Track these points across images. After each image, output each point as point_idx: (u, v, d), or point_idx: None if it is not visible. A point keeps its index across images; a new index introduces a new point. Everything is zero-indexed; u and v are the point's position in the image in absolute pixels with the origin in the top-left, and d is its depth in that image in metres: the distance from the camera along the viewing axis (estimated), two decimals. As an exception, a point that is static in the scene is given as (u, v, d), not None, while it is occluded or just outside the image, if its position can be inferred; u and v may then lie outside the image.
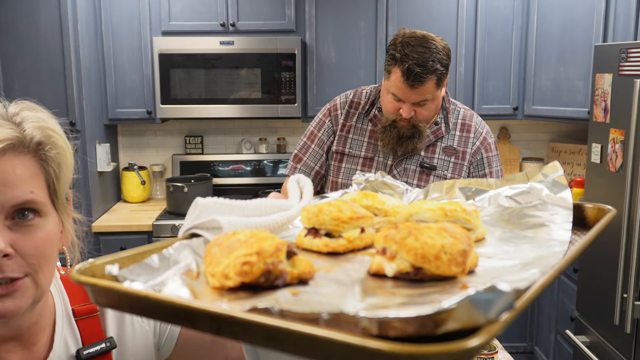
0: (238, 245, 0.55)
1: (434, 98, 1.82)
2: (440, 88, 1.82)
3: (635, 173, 2.21)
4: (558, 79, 3.35)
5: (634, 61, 2.25)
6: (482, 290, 0.40)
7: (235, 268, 0.53)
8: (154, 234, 3.27)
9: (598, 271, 2.52)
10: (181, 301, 0.47)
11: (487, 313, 0.40)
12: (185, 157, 3.86)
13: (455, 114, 1.98)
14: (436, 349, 0.37)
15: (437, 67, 1.74)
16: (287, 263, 0.56)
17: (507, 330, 3.44)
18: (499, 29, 3.51)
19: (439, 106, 1.91)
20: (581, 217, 0.75)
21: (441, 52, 1.76)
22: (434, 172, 1.90)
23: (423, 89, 1.76)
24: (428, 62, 1.73)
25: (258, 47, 3.38)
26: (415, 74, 1.72)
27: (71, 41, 3.11)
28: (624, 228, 2.26)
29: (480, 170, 1.94)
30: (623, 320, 2.28)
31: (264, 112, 3.45)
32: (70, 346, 0.89)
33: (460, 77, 3.54)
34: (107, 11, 3.40)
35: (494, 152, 1.97)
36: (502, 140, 3.97)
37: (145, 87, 3.48)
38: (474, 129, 1.95)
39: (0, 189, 0.74)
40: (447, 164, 1.92)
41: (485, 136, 1.96)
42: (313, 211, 0.68)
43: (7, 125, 0.78)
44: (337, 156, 1.99)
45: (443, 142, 1.94)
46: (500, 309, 0.40)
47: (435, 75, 1.75)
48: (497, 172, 1.98)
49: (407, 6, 3.47)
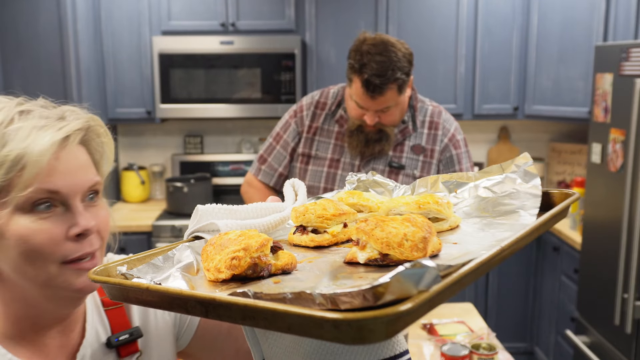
0: (229, 243, 0.64)
1: (398, 103, 1.82)
2: (402, 94, 1.80)
3: (636, 173, 2.21)
4: (558, 79, 3.35)
5: (635, 61, 2.25)
6: (409, 266, 0.48)
7: (226, 263, 0.62)
8: (153, 234, 3.26)
9: (598, 271, 2.52)
10: (174, 290, 0.57)
11: (417, 285, 0.48)
12: (185, 157, 3.85)
13: (423, 111, 1.96)
14: (373, 314, 0.45)
15: (397, 75, 1.71)
16: (272, 257, 0.65)
17: (508, 330, 3.44)
18: (499, 29, 3.51)
19: (404, 109, 1.90)
20: (549, 203, 0.82)
21: (401, 60, 1.73)
22: (403, 171, 1.88)
23: (383, 99, 1.75)
24: (387, 71, 1.70)
25: (258, 47, 3.38)
26: (374, 86, 1.71)
27: (71, 41, 3.11)
28: (624, 228, 2.25)
29: (450, 168, 1.93)
30: (623, 321, 2.28)
31: (263, 112, 3.45)
32: (101, 334, 0.93)
33: (460, 77, 3.53)
34: (106, 11, 3.40)
35: (462, 149, 1.96)
36: (502, 140, 3.97)
37: (145, 87, 3.48)
38: (442, 126, 1.94)
39: (77, 173, 0.81)
40: (416, 162, 1.90)
41: (453, 133, 1.94)
42: (300, 211, 0.76)
43: (72, 117, 0.84)
44: (304, 158, 1.97)
45: (411, 141, 1.92)
46: (428, 281, 0.49)
47: (395, 84, 1.74)
48: (467, 169, 1.96)
49: (407, 6, 3.47)
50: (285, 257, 0.65)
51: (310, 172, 1.96)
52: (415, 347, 1.51)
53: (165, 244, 1.17)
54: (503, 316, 3.49)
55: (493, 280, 3.45)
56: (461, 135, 1.98)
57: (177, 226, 3.26)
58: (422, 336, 1.63)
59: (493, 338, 1.63)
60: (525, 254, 3.43)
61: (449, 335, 1.66)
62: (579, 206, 2.91)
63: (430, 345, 1.52)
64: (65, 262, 0.80)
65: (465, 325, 1.74)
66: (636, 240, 2.20)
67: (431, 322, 1.77)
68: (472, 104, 3.58)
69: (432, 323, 1.76)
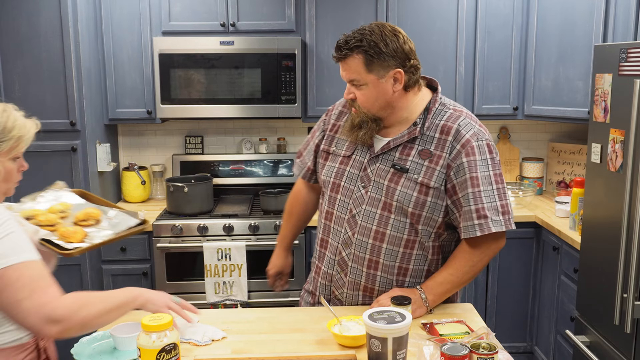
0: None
1: (370, 84, 1.78)
2: (372, 72, 1.76)
3: (635, 173, 2.22)
4: (558, 79, 3.35)
5: (634, 61, 2.25)
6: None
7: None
8: (154, 234, 3.27)
9: (598, 271, 2.52)
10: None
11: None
12: (185, 157, 3.86)
13: (441, 115, 1.85)
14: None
15: (361, 45, 1.74)
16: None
17: (507, 330, 3.44)
18: (499, 29, 3.52)
19: (383, 98, 1.81)
20: None
21: (374, 34, 1.75)
22: (405, 175, 1.82)
23: (348, 65, 1.78)
24: (354, 39, 1.75)
25: (258, 47, 3.38)
26: (338, 47, 1.78)
27: (71, 41, 3.11)
28: (624, 228, 2.26)
29: (461, 176, 1.79)
30: (623, 320, 2.28)
31: (264, 112, 3.45)
32: None
33: (460, 77, 3.54)
34: (107, 11, 3.40)
35: (477, 156, 1.79)
36: (502, 140, 3.97)
37: (146, 87, 3.48)
38: (455, 131, 1.81)
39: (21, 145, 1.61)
40: (420, 167, 1.81)
41: (469, 138, 1.79)
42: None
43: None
44: (324, 154, 2.01)
45: (420, 145, 1.83)
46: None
47: (360, 53, 1.74)
48: (485, 177, 1.79)
49: (407, 6, 3.47)
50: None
51: (325, 168, 1.98)
52: (415, 347, 1.52)
53: (164, 244, 2.51)
54: (503, 316, 3.50)
55: (493, 280, 3.45)
56: (479, 142, 1.80)
57: (177, 225, 3.26)
58: (422, 336, 1.64)
59: (493, 338, 1.63)
60: (525, 254, 3.43)
61: (449, 335, 1.67)
62: (579, 206, 2.91)
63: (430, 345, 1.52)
64: (14, 182, 1.63)
65: (465, 325, 1.75)
66: (636, 240, 2.21)
67: (431, 321, 1.77)
68: (472, 104, 3.58)
69: (432, 323, 1.77)
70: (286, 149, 3.94)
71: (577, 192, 2.94)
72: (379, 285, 1.90)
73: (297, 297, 3.39)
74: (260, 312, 1.92)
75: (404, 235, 1.85)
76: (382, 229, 1.85)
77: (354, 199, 1.88)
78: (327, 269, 1.97)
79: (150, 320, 1.39)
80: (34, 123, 1.63)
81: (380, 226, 1.85)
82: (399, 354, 1.43)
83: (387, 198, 1.83)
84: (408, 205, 1.81)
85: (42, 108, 3.15)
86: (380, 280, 1.89)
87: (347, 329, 1.66)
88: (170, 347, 1.39)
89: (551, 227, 3.17)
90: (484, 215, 1.77)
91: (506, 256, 3.43)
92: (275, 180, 3.86)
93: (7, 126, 1.56)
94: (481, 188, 1.78)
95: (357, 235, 1.87)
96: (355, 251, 1.88)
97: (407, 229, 1.84)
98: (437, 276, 1.87)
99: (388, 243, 1.85)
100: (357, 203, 1.88)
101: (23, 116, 1.61)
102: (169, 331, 1.40)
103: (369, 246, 1.86)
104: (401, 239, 1.85)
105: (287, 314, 1.90)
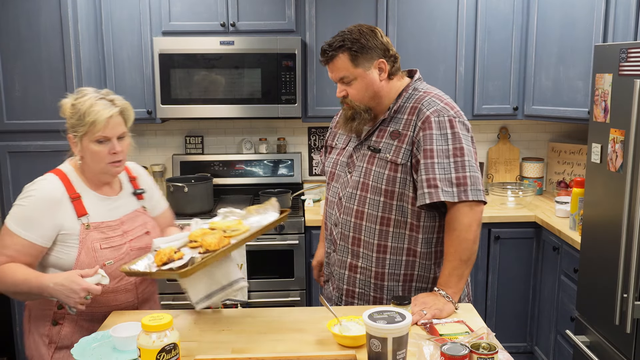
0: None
1: (358, 77, 1.94)
2: (359, 66, 1.93)
3: (635, 173, 2.22)
4: (558, 79, 3.35)
5: (634, 61, 2.25)
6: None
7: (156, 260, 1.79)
8: (154, 234, 3.26)
9: (598, 271, 2.52)
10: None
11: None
12: (185, 157, 3.86)
13: (412, 99, 1.98)
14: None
15: (344, 44, 1.91)
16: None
17: (507, 330, 3.45)
18: (499, 29, 3.52)
19: (372, 88, 1.96)
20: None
21: (356, 34, 1.92)
22: (378, 155, 1.97)
23: (334, 66, 1.95)
24: (337, 41, 1.92)
25: (258, 47, 3.38)
26: (323, 51, 1.95)
27: (71, 41, 3.11)
28: (624, 228, 2.26)
29: (420, 150, 1.89)
30: (623, 320, 2.28)
31: (264, 112, 3.45)
32: (128, 188, 2.08)
33: (460, 77, 3.54)
34: (107, 11, 3.40)
35: (435, 130, 1.87)
36: (502, 140, 3.97)
37: (146, 87, 3.48)
38: (418, 110, 1.93)
39: (115, 128, 1.85)
40: (391, 147, 1.96)
41: (428, 115, 1.90)
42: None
43: (117, 102, 1.90)
44: (328, 149, 2.23)
45: (391, 127, 1.98)
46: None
47: (345, 51, 1.91)
48: (441, 150, 1.87)
49: (407, 6, 3.47)
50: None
51: (327, 160, 2.20)
52: (415, 347, 1.52)
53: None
54: (503, 316, 3.50)
55: (493, 280, 3.45)
56: (440, 117, 1.89)
57: (177, 225, 3.25)
58: (422, 336, 1.64)
59: (493, 338, 1.63)
60: (525, 254, 3.43)
61: (449, 335, 1.67)
62: (579, 206, 2.91)
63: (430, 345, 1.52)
64: (109, 163, 1.88)
65: (465, 325, 1.75)
66: (636, 240, 2.21)
67: (431, 321, 1.77)
68: (472, 104, 3.58)
69: (432, 322, 1.77)
70: (286, 149, 3.94)
71: (577, 192, 2.94)
72: (362, 262, 2.02)
73: (297, 297, 3.39)
74: (260, 312, 1.92)
75: (378, 212, 1.97)
76: (361, 208, 2.00)
77: (341, 183, 2.07)
78: (327, 249, 2.18)
79: (151, 320, 1.39)
80: (108, 106, 1.82)
81: (360, 205, 2.00)
82: (399, 354, 1.43)
83: (365, 179, 1.99)
84: (382, 183, 1.96)
85: (42, 108, 3.15)
86: (363, 257, 2.02)
87: (347, 329, 1.66)
88: (170, 347, 1.39)
89: (551, 227, 3.17)
90: (434, 185, 1.87)
91: (506, 256, 3.43)
92: (275, 180, 3.86)
93: (82, 112, 1.81)
94: (435, 160, 1.88)
95: (343, 215, 2.05)
96: (342, 230, 2.05)
97: (380, 206, 1.97)
98: (443, 271, 1.93)
99: (367, 221, 1.99)
100: (344, 187, 2.06)
101: (109, 99, 1.84)
102: (169, 331, 1.40)
103: (352, 224, 2.02)
104: (376, 216, 1.97)
105: (287, 314, 1.90)
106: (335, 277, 2.12)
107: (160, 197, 2.21)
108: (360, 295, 2.06)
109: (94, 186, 1.93)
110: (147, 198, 2.11)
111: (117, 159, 1.88)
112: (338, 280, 2.10)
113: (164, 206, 2.23)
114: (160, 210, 2.19)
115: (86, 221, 1.87)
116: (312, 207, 3.62)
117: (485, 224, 3.37)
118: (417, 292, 2.03)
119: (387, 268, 2.00)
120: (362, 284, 2.04)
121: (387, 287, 2.02)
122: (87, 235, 1.86)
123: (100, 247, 1.87)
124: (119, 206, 1.98)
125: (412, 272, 2.01)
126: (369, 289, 2.03)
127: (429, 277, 2.03)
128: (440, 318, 1.81)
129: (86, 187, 1.92)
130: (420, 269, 2.01)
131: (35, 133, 3.18)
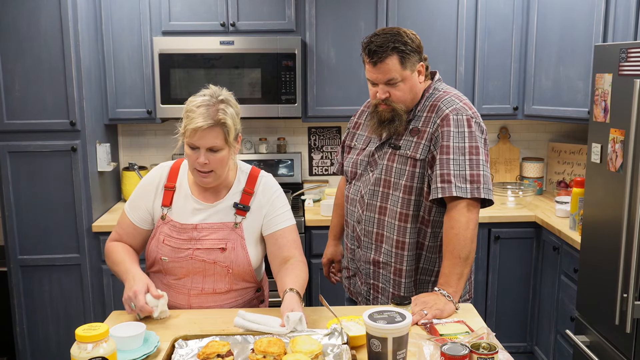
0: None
1: (405, 79, 1.96)
2: (407, 68, 1.95)
3: (635, 173, 2.22)
4: (558, 79, 3.35)
5: (634, 61, 2.25)
6: None
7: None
8: (154, 234, 3.26)
9: (598, 271, 2.52)
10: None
11: None
12: (185, 157, 3.85)
13: (432, 97, 2.04)
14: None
15: (396, 45, 1.91)
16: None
17: (507, 330, 3.45)
18: (499, 29, 3.52)
19: (414, 90, 2.01)
20: None
21: (403, 36, 1.94)
22: (398, 152, 2.02)
23: (386, 67, 1.93)
24: (387, 42, 1.91)
25: (258, 47, 3.38)
26: (374, 52, 1.93)
27: (71, 41, 3.11)
28: (624, 228, 2.26)
29: (438, 146, 1.95)
30: (623, 320, 2.28)
31: (264, 112, 3.45)
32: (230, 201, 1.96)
33: (460, 77, 3.54)
34: (107, 11, 3.40)
35: (453, 128, 1.93)
36: (502, 140, 3.97)
37: (146, 87, 3.48)
38: (438, 108, 1.99)
39: (207, 139, 1.81)
40: (410, 143, 2.01)
41: (447, 113, 1.96)
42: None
43: (221, 113, 1.84)
44: (347, 149, 2.27)
45: (411, 124, 2.03)
46: None
47: (395, 53, 1.91)
48: (457, 148, 1.92)
49: (407, 6, 3.47)
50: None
51: (347, 160, 2.23)
52: (415, 347, 1.52)
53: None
54: (503, 316, 3.50)
55: (493, 280, 3.45)
56: (458, 116, 1.95)
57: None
58: (422, 336, 1.63)
59: (493, 338, 1.63)
60: (525, 254, 3.43)
61: (449, 335, 1.67)
62: (579, 206, 2.91)
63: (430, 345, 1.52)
64: (195, 169, 1.85)
65: (465, 325, 1.75)
66: (636, 240, 2.21)
67: (431, 321, 1.78)
68: (472, 103, 3.58)
69: (432, 322, 1.77)
70: (286, 148, 3.94)
71: (577, 192, 2.94)
72: (383, 257, 2.07)
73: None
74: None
75: (398, 209, 2.03)
76: (384, 204, 2.06)
77: (363, 182, 2.12)
78: (350, 245, 2.22)
79: (85, 331, 1.37)
80: (207, 116, 1.77)
81: (382, 202, 2.06)
82: (399, 354, 1.43)
83: (387, 175, 2.05)
84: (402, 179, 2.01)
85: (42, 108, 3.15)
86: (384, 253, 2.07)
87: (347, 329, 1.66)
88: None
89: (551, 227, 3.17)
90: (448, 180, 1.91)
91: (506, 256, 3.43)
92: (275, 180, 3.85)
93: (184, 112, 1.85)
94: (451, 156, 1.92)
95: (366, 212, 2.10)
96: (365, 226, 2.11)
97: (399, 202, 2.02)
98: (443, 270, 1.94)
99: (389, 217, 2.05)
100: (365, 184, 2.11)
101: (216, 109, 1.79)
102: (104, 342, 1.37)
103: (375, 220, 2.08)
104: (396, 212, 2.03)
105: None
106: (362, 273, 2.17)
107: (278, 216, 1.96)
108: (382, 291, 2.12)
109: (194, 184, 1.95)
110: (255, 218, 1.94)
111: (203, 170, 1.82)
112: (365, 276, 2.15)
113: (280, 226, 1.95)
114: (272, 229, 1.95)
115: (165, 212, 1.93)
116: (312, 207, 3.62)
117: (486, 224, 3.37)
118: (420, 286, 2.09)
119: (405, 264, 2.05)
120: (384, 279, 2.10)
121: (405, 285, 2.07)
122: (160, 225, 1.94)
123: (162, 240, 1.92)
124: (209, 213, 1.92)
125: (417, 265, 2.07)
126: (389, 285, 2.09)
127: (433, 270, 2.08)
128: (441, 318, 1.81)
129: (186, 184, 1.96)
130: (425, 262, 2.07)
131: (35, 133, 3.18)
